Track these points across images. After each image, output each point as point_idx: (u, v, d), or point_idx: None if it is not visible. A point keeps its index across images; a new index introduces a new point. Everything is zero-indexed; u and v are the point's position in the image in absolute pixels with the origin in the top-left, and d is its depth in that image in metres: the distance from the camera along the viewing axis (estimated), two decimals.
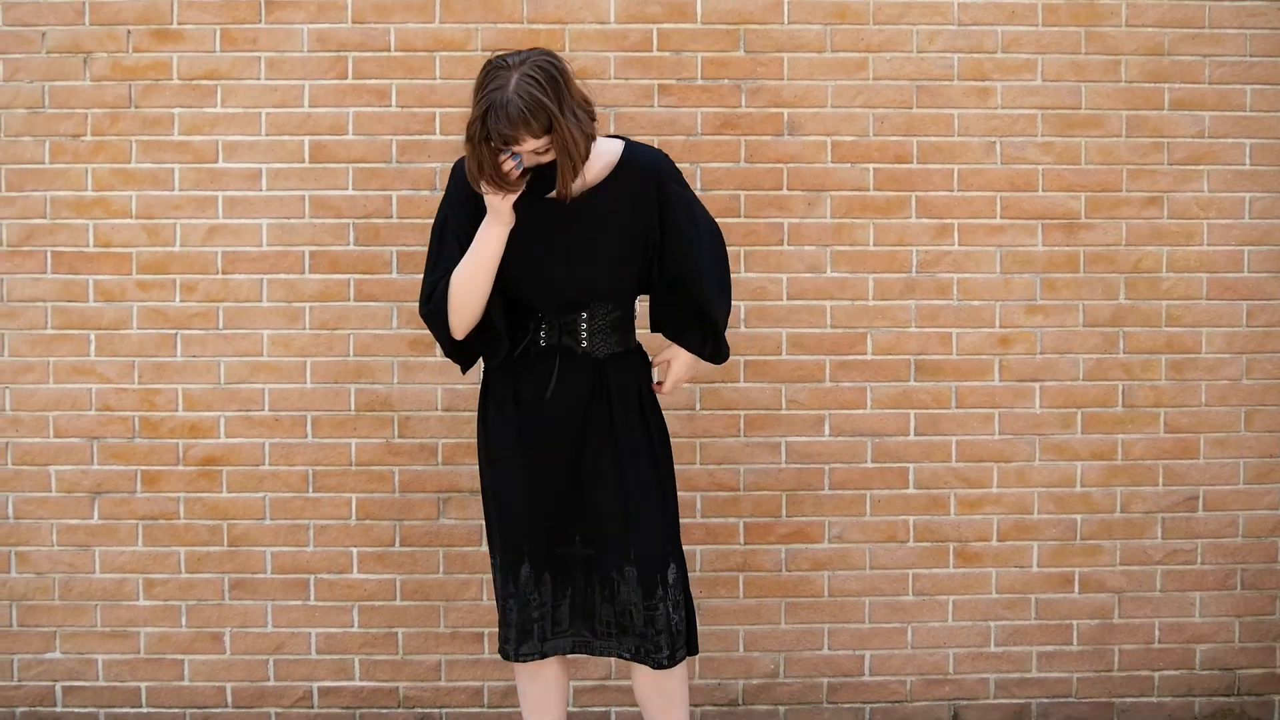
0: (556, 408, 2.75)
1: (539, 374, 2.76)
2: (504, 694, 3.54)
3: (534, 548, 2.79)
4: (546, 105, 2.49)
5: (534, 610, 2.80)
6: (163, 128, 3.48)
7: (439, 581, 3.53)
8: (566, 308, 2.75)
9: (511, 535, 2.80)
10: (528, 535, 2.79)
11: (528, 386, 2.77)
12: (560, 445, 2.76)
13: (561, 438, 2.76)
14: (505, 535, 2.82)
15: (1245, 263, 3.57)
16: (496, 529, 2.85)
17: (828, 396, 3.55)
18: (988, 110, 3.53)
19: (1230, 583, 3.61)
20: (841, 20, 3.51)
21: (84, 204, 3.48)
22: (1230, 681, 3.62)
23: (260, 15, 3.47)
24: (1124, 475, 3.58)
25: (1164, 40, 3.53)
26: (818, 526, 3.57)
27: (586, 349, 2.76)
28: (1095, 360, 3.57)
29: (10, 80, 3.46)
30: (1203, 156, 3.55)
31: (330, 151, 3.49)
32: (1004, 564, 3.58)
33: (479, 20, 3.49)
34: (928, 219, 3.54)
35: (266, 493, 3.52)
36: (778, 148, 3.51)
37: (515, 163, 2.55)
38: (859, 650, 3.58)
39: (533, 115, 2.49)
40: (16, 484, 3.50)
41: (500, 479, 2.82)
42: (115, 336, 3.49)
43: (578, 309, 2.76)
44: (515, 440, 2.78)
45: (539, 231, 2.70)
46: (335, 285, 3.50)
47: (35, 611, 3.52)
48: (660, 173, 2.73)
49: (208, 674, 3.53)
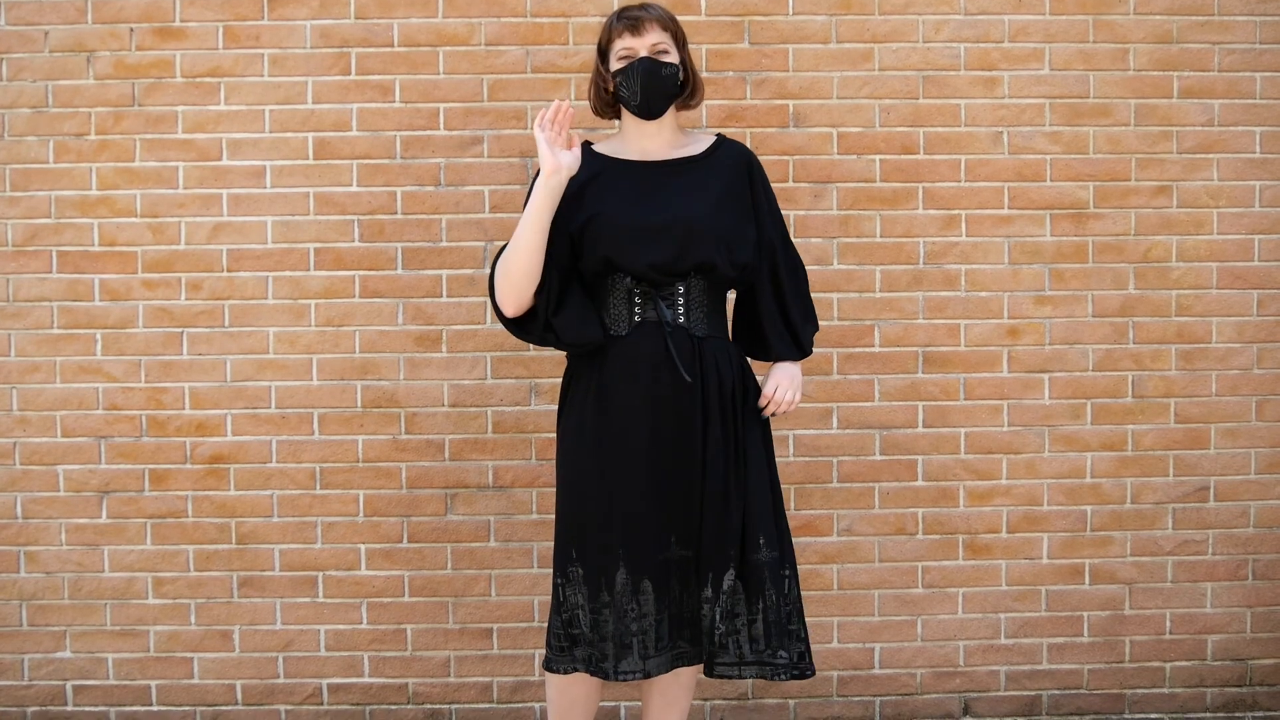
0: (661, 388, 2.63)
1: (638, 352, 2.65)
2: (513, 689, 3.54)
3: (630, 552, 2.62)
4: (676, 20, 2.76)
5: (632, 623, 2.62)
6: (166, 126, 3.47)
7: (447, 577, 3.53)
8: (664, 274, 2.65)
9: (605, 538, 2.63)
10: (624, 538, 2.62)
11: (621, 366, 2.66)
12: (669, 432, 2.63)
13: (670, 423, 2.63)
14: (598, 538, 2.64)
15: (1255, 251, 3.55)
16: (581, 532, 2.66)
17: (835, 389, 3.53)
18: (995, 100, 3.51)
19: (1242, 573, 3.59)
20: (846, 11, 3.49)
21: (89, 203, 3.48)
22: (1242, 672, 3.61)
23: (263, 12, 3.46)
24: (1134, 466, 3.56)
25: (1172, 28, 3.51)
26: (826, 519, 3.56)
27: (684, 325, 2.67)
28: (1105, 351, 3.55)
29: (14, 80, 3.46)
30: (1212, 145, 3.53)
31: (334, 148, 3.48)
32: (1014, 556, 3.57)
33: (482, 14, 3.47)
34: (935, 210, 3.52)
35: (274, 490, 3.52)
36: (783, 139, 3.50)
37: (567, 105, 2.64)
38: (869, 643, 3.58)
39: (664, 11, 2.73)
40: (25, 484, 3.51)
41: (599, 474, 2.65)
42: (121, 335, 3.49)
43: (675, 278, 2.67)
44: (616, 430, 2.64)
45: (639, 189, 2.71)
46: (341, 282, 3.49)
47: (45, 611, 3.52)
48: (752, 157, 2.84)
49: (217, 672, 3.54)
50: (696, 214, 2.67)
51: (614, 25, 2.72)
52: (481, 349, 3.50)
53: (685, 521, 2.66)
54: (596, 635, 2.64)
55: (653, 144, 2.77)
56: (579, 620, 2.67)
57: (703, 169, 2.76)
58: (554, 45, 3.48)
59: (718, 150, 2.80)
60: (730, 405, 2.70)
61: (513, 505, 3.52)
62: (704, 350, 2.69)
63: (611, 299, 2.70)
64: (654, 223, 2.66)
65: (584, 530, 2.67)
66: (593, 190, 2.71)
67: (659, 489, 2.64)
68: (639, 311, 2.68)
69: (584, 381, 2.71)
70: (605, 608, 2.63)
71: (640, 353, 2.66)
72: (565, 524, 2.71)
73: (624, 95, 2.71)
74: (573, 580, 2.67)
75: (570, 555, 2.68)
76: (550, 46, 3.47)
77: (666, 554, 2.65)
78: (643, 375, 2.65)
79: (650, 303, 2.67)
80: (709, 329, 2.72)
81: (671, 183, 2.72)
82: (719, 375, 2.69)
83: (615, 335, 2.68)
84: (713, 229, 2.68)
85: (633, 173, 2.74)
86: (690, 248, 2.65)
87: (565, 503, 2.72)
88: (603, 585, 2.63)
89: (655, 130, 2.76)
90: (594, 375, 2.69)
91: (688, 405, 2.65)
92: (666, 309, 2.66)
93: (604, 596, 2.63)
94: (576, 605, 2.67)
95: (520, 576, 3.53)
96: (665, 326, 2.65)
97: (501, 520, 3.52)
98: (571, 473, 2.71)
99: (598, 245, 2.67)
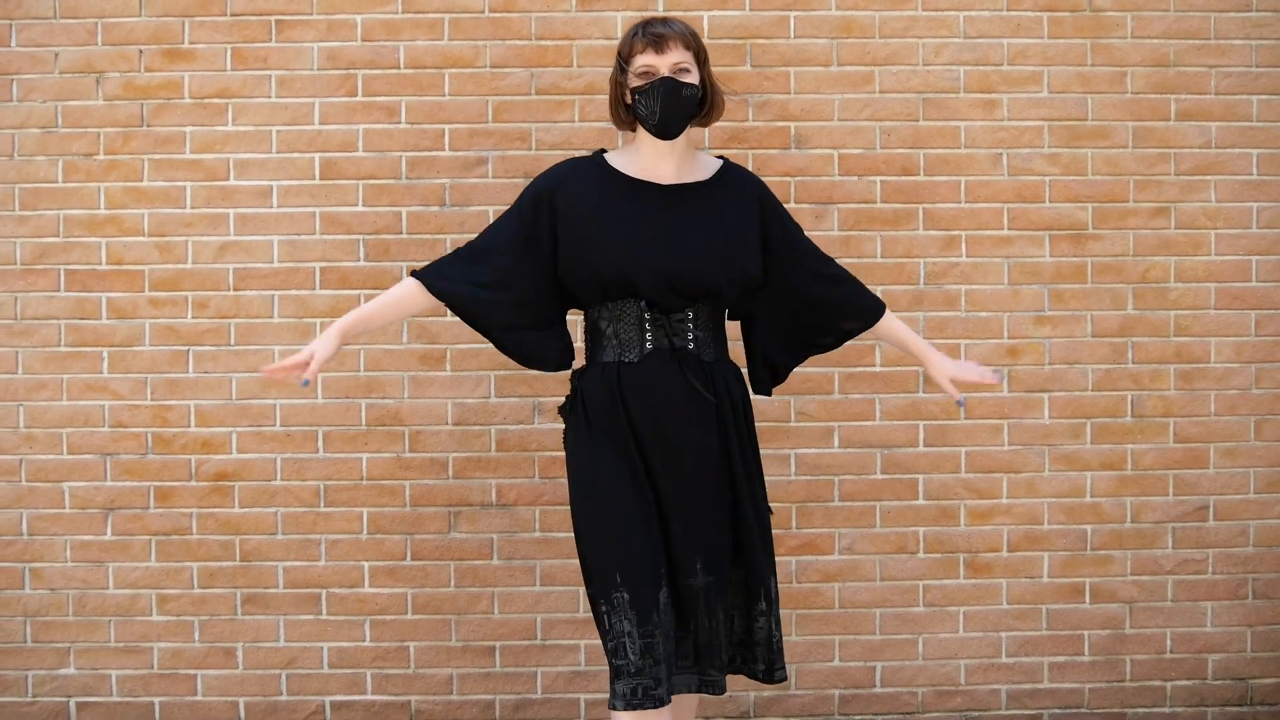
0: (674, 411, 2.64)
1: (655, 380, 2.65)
2: (515, 707, 3.55)
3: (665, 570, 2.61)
4: (699, 36, 2.74)
5: (668, 644, 2.60)
6: (174, 146, 3.51)
7: (450, 595, 3.54)
8: (673, 296, 2.65)
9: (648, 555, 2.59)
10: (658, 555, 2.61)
11: (638, 393, 2.65)
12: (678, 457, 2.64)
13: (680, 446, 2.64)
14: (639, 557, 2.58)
15: (1253, 272, 3.57)
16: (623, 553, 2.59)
17: (837, 408, 3.55)
18: (994, 122, 3.54)
19: (1242, 592, 3.60)
20: (847, 34, 3.52)
21: (96, 222, 3.51)
22: (1243, 691, 3.61)
23: (270, 34, 3.50)
24: (1134, 485, 3.58)
25: (1170, 52, 3.54)
26: (828, 538, 3.57)
27: (694, 351, 2.68)
28: (1104, 370, 3.57)
29: (24, 100, 3.49)
30: (1209, 167, 3.56)
31: (340, 168, 3.51)
32: (1014, 575, 3.58)
33: (487, 37, 3.51)
34: (935, 231, 3.55)
35: (278, 508, 3.53)
36: (785, 161, 3.53)
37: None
38: (870, 661, 3.58)
39: (687, 28, 2.70)
40: (30, 500, 3.52)
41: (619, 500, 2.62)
42: (128, 353, 3.52)
43: (684, 303, 2.67)
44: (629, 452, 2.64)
45: (650, 215, 2.69)
46: (346, 301, 3.51)
47: (49, 627, 3.53)
48: (762, 190, 2.83)
49: (220, 689, 3.54)
50: (705, 244, 2.68)
51: (637, 38, 2.67)
52: (485, 368, 3.52)
53: (714, 546, 2.67)
54: (649, 660, 2.55)
55: (665, 164, 2.73)
56: (625, 649, 2.56)
57: (711, 196, 2.74)
58: (558, 68, 3.51)
59: (724, 177, 2.79)
60: (743, 426, 2.75)
61: (516, 523, 3.54)
62: (714, 374, 2.71)
63: (622, 324, 2.69)
64: (664, 251, 2.65)
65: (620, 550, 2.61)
66: (602, 213, 2.70)
67: (684, 515, 2.64)
68: (650, 339, 2.68)
69: (598, 410, 2.68)
70: (657, 629, 2.56)
71: (657, 380, 2.66)
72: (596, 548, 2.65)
73: (642, 114, 2.69)
74: (618, 606, 2.58)
75: (614, 580, 2.59)
76: (554, 69, 3.51)
77: (694, 580, 2.65)
78: (659, 401, 2.65)
79: (661, 329, 2.67)
80: (715, 352, 2.74)
81: (681, 210, 2.71)
82: (730, 398, 2.72)
83: (628, 363, 2.67)
84: (720, 259, 2.68)
85: (642, 195, 2.72)
86: (700, 276, 2.66)
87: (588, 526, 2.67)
88: (652, 609, 2.56)
89: (669, 149, 2.73)
90: (609, 402, 2.67)
91: (708, 428, 2.67)
92: (677, 337, 2.67)
93: (655, 618, 2.56)
94: (623, 633, 2.57)
95: (523, 594, 3.54)
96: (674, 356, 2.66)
97: (504, 538, 3.54)
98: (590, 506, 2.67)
99: (604, 270, 2.66)
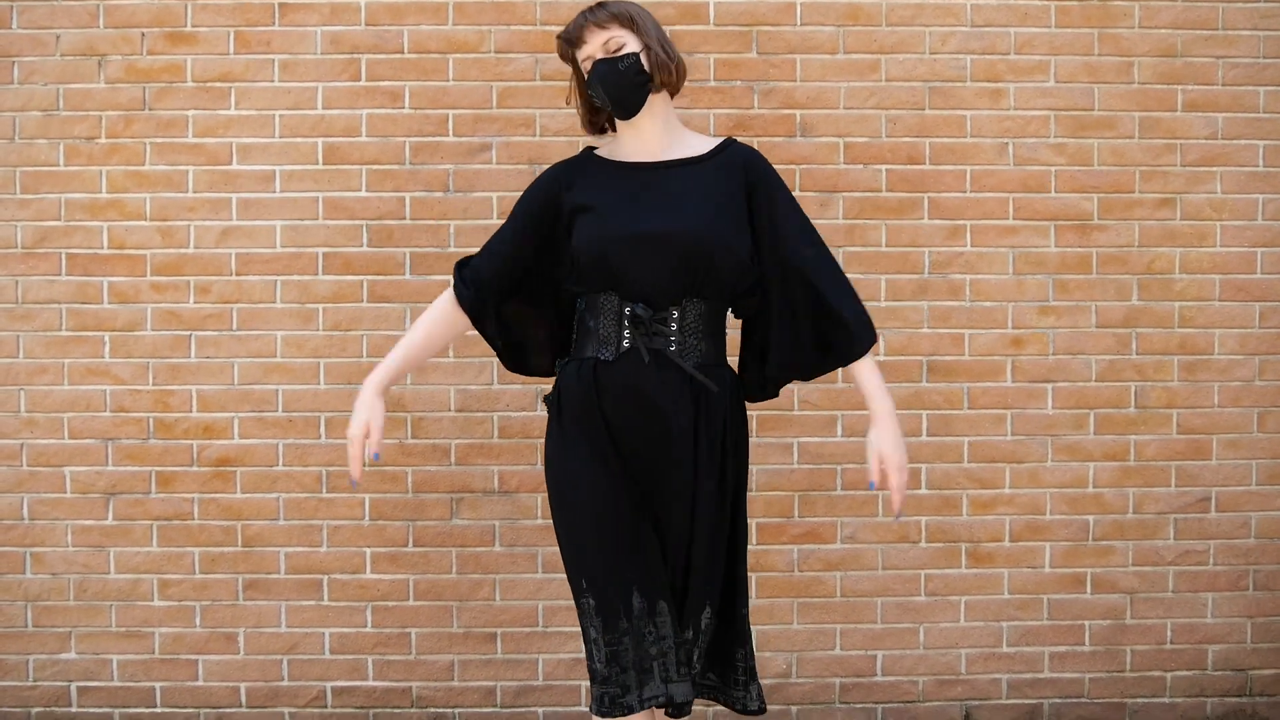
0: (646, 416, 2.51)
1: (625, 380, 2.52)
2: (516, 694, 3.55)
3: (641, 573, 2.47)
4: (631, 5, 2.59)
5: (651, 646, 2.46)
6: (177, 130, 3.49)
7: (452, 582, 3.54)
8: (658, 294, 2.52)
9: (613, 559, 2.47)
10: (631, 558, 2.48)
11: (610, 392, 2.53)
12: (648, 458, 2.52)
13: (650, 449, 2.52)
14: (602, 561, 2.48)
15: (1258, 264, 3.57)
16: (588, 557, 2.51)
17: (840, 397, 3.55)
18: (1000, 111, 3.53)
19: (1243, 584, 3.61)
20: (854, 22, 3.51)
21: (98, 206, 3.49)
22: (1243, 682, 3.62)
23: (274, 18, 3.48)
24: (1136, 476, 3.58)
25: (1177, 42, 3.53)
26: (830, 527, 3.57)
27: (675, 354, 2.52)
28: (1108, 361, 3.57)
29: (25, 83, 3.47)
30: (1215, 158, 3.55)
31: (343, 153, 3.50)
32: (1016, 564, 3.58)
33: (492, 22, 3.49)
34: (940, 220, 3.54)
35: (280, 493, 3.53)
36: (790, 149, 3.52)
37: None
38: (871, 650, 3.59)
39: (611, 7, 2.57)
40: (32, 485, 3.52)
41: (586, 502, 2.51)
42: (130, 338, 3.51)
43: (669, 300, 2.52)
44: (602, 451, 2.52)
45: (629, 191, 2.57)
46: (348, 287, 3.51)
47: (50, 612, 3.53)
48: (756, 158, 2.67)
49: (222, 674, 3.55)
50: (689, 222, 2.52)
51: (561, 44, 2.62)
52: (488, 354, 3.50)
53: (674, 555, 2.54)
54: (615, 668, 2.46)
55: (647, 145, 2.63)
56: (593, 655, 2.50)
57: (701, 171, 2.60)
58: None
59: (721, 153, 2.64)
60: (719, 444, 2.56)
61: (518, 510, 3.53)
62: (693, 382, 2.53)
63: (602, 320, 2.56)
64: (644, 230, 2.51)
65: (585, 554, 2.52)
66: (586, 192, 2.60)
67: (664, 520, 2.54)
68: (628, 336, 2.54)
69: (573, 407, 2.57)
70: (625, 635, 2.46)
71: (629, 381, 2.52)
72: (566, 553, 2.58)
73: (599, 105, 2.63)
74: (586, 611, 2.50)
75: (580, 585, 2.52)
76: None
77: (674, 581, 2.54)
78: (630, 404, 2.52)
79: (640, 328, 2.52)
80: (705, 358, 2.56)
81: (664, 185, 2.57)
82: (709, 411, 2.54)
83: (604, 360, 2.54)
84: (706, 237, 2.52)
85: (624, 172, 2.61)
86: (682, 256, 2.50)
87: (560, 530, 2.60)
88: (621, 612, 2.46)
89: (646, 129, 2.62)
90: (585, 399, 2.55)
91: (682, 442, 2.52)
92: (657, 336, 2.52)
93: (622, 624, 2.46)
94: (591, 639, 2.50)
95: (525, 581, 3.54)
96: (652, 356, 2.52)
97: (506, 525, 3.53)
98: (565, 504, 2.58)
99: (580, 241, 2.56)
